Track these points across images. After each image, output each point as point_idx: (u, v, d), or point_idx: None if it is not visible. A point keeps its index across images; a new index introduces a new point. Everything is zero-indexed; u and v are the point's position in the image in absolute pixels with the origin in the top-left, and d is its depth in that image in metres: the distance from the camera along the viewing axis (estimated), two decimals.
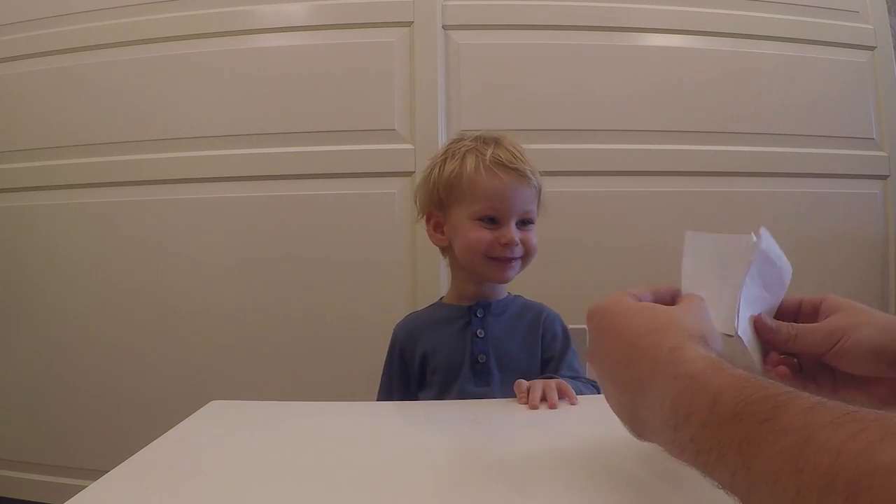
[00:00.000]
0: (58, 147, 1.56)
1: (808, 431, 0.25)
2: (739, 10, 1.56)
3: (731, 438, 0.28)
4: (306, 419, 0.64)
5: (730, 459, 0.28)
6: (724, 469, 0.28)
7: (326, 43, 1.50)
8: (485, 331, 0.85)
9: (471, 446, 0.54)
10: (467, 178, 0.83)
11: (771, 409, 0.27)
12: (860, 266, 1.56)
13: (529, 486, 0.42)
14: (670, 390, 0.33)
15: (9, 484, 1.56)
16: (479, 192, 0.82)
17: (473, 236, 0.82)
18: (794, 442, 0.25)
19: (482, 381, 0.83)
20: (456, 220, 0.85)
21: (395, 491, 0.42)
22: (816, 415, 0.25)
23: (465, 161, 0.84)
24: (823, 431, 0.24)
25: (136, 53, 1.54)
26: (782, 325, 0.45)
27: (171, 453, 0.52)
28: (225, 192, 1.49)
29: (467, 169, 0.83)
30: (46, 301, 1.56)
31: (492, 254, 0.82)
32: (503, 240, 0.81)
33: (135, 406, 1.49)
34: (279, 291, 1.47)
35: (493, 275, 0.84)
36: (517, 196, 0.83)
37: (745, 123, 1.53)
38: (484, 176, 0.82)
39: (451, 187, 0.85)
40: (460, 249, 0.85)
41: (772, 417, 0.27)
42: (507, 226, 0.82)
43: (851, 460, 0.22)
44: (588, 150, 1.48)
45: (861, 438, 0.23)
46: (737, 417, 0.28)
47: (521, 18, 1.51)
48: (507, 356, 0.84)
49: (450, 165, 0.86)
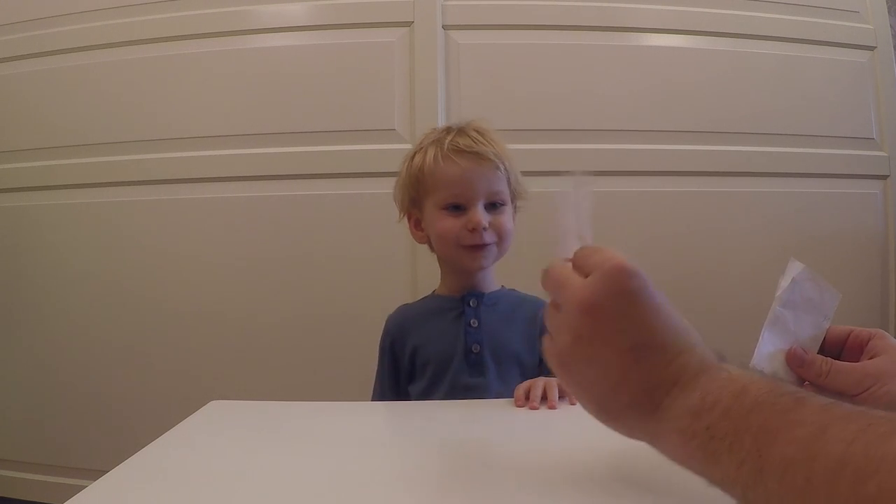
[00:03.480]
0: (58, 147, 1.56)
1: (823, 424, 0.26)
2: (739, 10, 1.55)
3: (749, 426, 0.29)
4: (306, 419, 0.64)
5: (743, 446, 0.28)
6: (733, 458, 0.29)
7: (326, 43, 1.50)
8: (478, 321, 0.84)
9: (471, 447, 0.54)
10: (428, 170, 0.84)
11: (792, 402, 0.28)
12: (860, 266, 1.56)
13: (530, 487, 0.42)
14: (710, 384, 0.33)
15: (9, 484, 1.56)
16: (440, 181, 0.83)
17: (440, 225, 0.83)
18: (809, 433, 0.26)
19: (476, 372, 0.82)
20: (428, 212, 0.86)
21: (396, 491, 0.42)
22: (832, 410, 0.27)
23: (427, 153, 0.85)
24: (838, 424, 0.26)
25: (137, 53, 1.54)
26: (816, 360, 0.44)
27: (170, 453, 0.52)
28: (225, 192, 1.49)
29: (428, 160, 0.84)
30: (47, 301, 1.56)
31: (462, 242, 0.82)
32: (469, 225, 0.81)
33: (135, 406, 1.49)
34: (279, 291, 1.47)
35: (468, 263, 0.84)
36: (478, 179, 0.82)
37: (745, 123, 1.53)
38: (442, 164, 0.83)
39: (418, 181, 0.85)
40: (434, 241, 0.86)
41: (792, 409, 0.28)
42: (472, 210, 0.82)
43: (861, 449, 0.24)
44: (588, 150, 1.48)
45: (871, 431, 0.24)
46: (760, 406, 0.29)
47: (521, 18, 1.51)
48: (502, 347, 0.83)
49: (416, 160, 0.87)
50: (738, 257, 1.51)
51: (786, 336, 0.45)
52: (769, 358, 0.44)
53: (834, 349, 0.46)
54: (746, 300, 1.50)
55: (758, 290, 1.56)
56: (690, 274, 1.49)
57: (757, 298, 1.65)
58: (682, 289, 1.49)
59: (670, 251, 1.49)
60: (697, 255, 1.50)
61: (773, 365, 0.44)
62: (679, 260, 1.49)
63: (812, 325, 0.45)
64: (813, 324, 0.45)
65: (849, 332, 0.46)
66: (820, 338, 0.45)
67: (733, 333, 1.55)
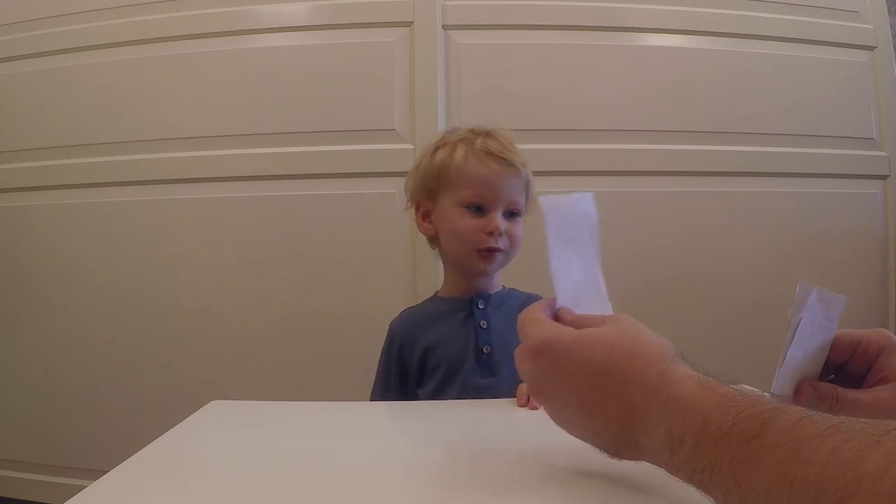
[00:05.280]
0: (58, 147, 1.56)
1: (795, 445, 0.25)
2: (739, 10, 1.56)
3: (722, 458, 0.28)
4: (306, 419, 0.64)
5: (722, 478, 0.28)
6: (718, 487, 0.29)
7: (327, 43, 1.50)
8: (487, 322, 0.85)
9: (471, 447, 0.54)
10: (456, 166, 0.83)
11: (759, 427, 0.28)
12: (860, 266, 1.56)
13: (530, 487, 0.42)
14: (665, 414, 0.33)
15: (9, 484, 1.56)
16: (466, 179, 0.83)
17: (460, 223, 0.83)
18: (782, 457, 0.26)
19: (488, 373, 0.82)
20: (443, 207, 0.85)
21: (396, 491, 0.42)
22: (803, 428, 0.26)
23: (456, 149, 0.85)
24: (811, 444, 0.25)
25: (137, 53, 1.54)
26: (827, 392, 0.43)
27: (171, 453, 0.52)
28: (225, 192, 1.49)
29: (457, 157, 0.84)
30: (47, 301, 1.56)
31: (478, 244, 0.82)
32: (488, 228, 0.81)
33: (135, 406, 1.49)
34: (279, 291, 1.47)
35: (475, 265, 0.84)
36: (505, 185, 0.83)
37: (745, 123, 1.53)
38: (473, 163, 0.83)
39: (440, 175, 0.85)
40: (446, 237, 0.85)
41: (759, 435, 0.27)
42: (493, 214, 0.82)
43: (839, 470, 0.23)
44: (588, 150, 1.48)
45: (847, 448, 0.23)
46: (725, 437, 0.29)
47: (521, 18, 1.51)
48: (512, 347, 0.84)
49: (440, 154, 0.86)
50: (738, 257, 1.51)
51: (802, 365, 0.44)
52: (789, 381, 0.44)
53: (842, 355, 0.44)
54: (746, 300, 1.50)
55: (758, 289, 1.57)
56: (690, 274, 1.49)
57: (757, 298, 1.65)
58: (682, 289, 1.49)
59: (670, 251, 1.49)
60: (697, 255, 1.50)
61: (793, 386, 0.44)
62: (679, 260, 1.49)
63: (820, 336, 0.44)
64: (821, 334, 0.44)
65: (857, 342, 0.44)
66: (827, 346, 0.44)
67: (733, 333, 1.56)
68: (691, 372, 0.34)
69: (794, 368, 0.43)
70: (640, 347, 0.37)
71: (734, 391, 0.31)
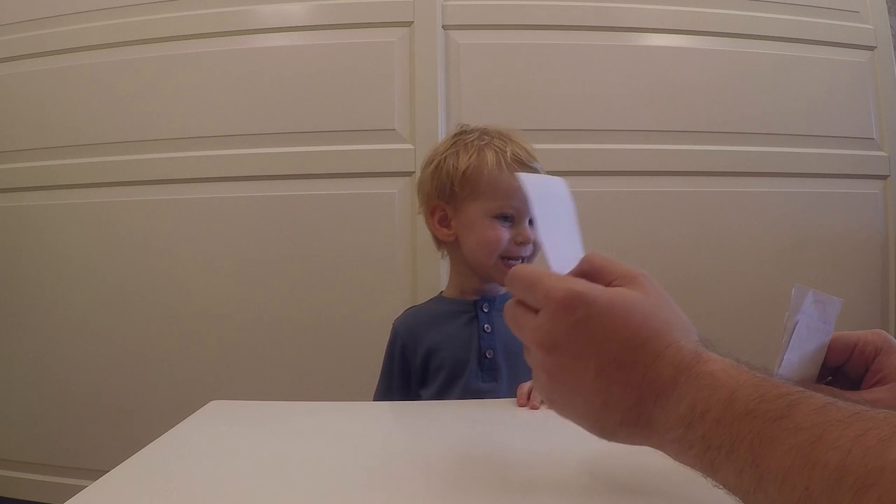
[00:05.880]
0: (58, 147, 1.56)
1: (819, 430, 0.25)
2: (739, 10, 1.55)
3: (744, 435, 0.28)
4: (306, 419, 0.64)
5: (739, 456, 0.28)
6: (731, 466, 0.29)
7: (326, 43, 1.50)
8: (491, 326, 0.84)
9: (471, 447, 0.54)
10: (488, 175, 0.82)
11: (785, 407, 0.27)
12: (860, 266, 1.56)
13: (530, 487, 0.42)
14: (692, 388, 0.32)
15: (9, 484, 1.56)
16: (500, 190, 0.81)
17: (492, 234, 0.81)
18: (805, 440, 0.25)
19: (489, 377, 0.82)
20: (470, 215, 0.84)
21: (396, 491, 0.42)
22: (828, 414, 0.26)
23: (485, 156, 0.83)
24: (834, 430, 0.25)
25: (136, 53, 1.54)
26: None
27: (171, 453, 0.52)
28: (225, 192, 1.49)
29: (488, 164, 0.82)
30: (46, 301, 1.56)
31: (508, 253, 0.82)
32: (519, 238, 0.81)
33: (135, 406, 1.49)
34: (279, 291, 1.47)
35: (499, 274, 0.83)
36: None
37: (745, 123, 1.53)
38: (507, 173, 0.82)
39: (468, 181, 0.83)
40: (472, 246, 0.84)
41: (785, 415, 0.27)
42: (522, 224, 0.82)
43: (861, 457, 0.23)
44: (588, 150, 1.48)
45: (870, 436, 0.23)
46: (751, 414, 0.28)
47: (521, 18, 1.51)
48: (515, 352, 0.83)
49: (464, 158, 0.84)
50: (738, 257, 1.51)
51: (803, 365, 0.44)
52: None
53: (840, 357, 0.44)
54: (746, 300, 1.50)
55: (758, 289, 1.57)
56: (690, 274, 1.49)
57: (757, 298, 1.65)
58: (683, 288, 1.49)
59: (670, 251, 1.49)
60: (697, 255, 1.50)
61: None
62: (679, 260, 1.49)
63: (816, 339, 0.44)
64: (817, 337, 0.44)
65: (854, 344, 0.44)
66: (824, 348, 0.44)
67: (733, 332, 1.55)
68: (724, 356, 0.34)
69: (791, 371, 0.43)
70: (679, 323, 0.36)
71: (765, 374, 0.31)
